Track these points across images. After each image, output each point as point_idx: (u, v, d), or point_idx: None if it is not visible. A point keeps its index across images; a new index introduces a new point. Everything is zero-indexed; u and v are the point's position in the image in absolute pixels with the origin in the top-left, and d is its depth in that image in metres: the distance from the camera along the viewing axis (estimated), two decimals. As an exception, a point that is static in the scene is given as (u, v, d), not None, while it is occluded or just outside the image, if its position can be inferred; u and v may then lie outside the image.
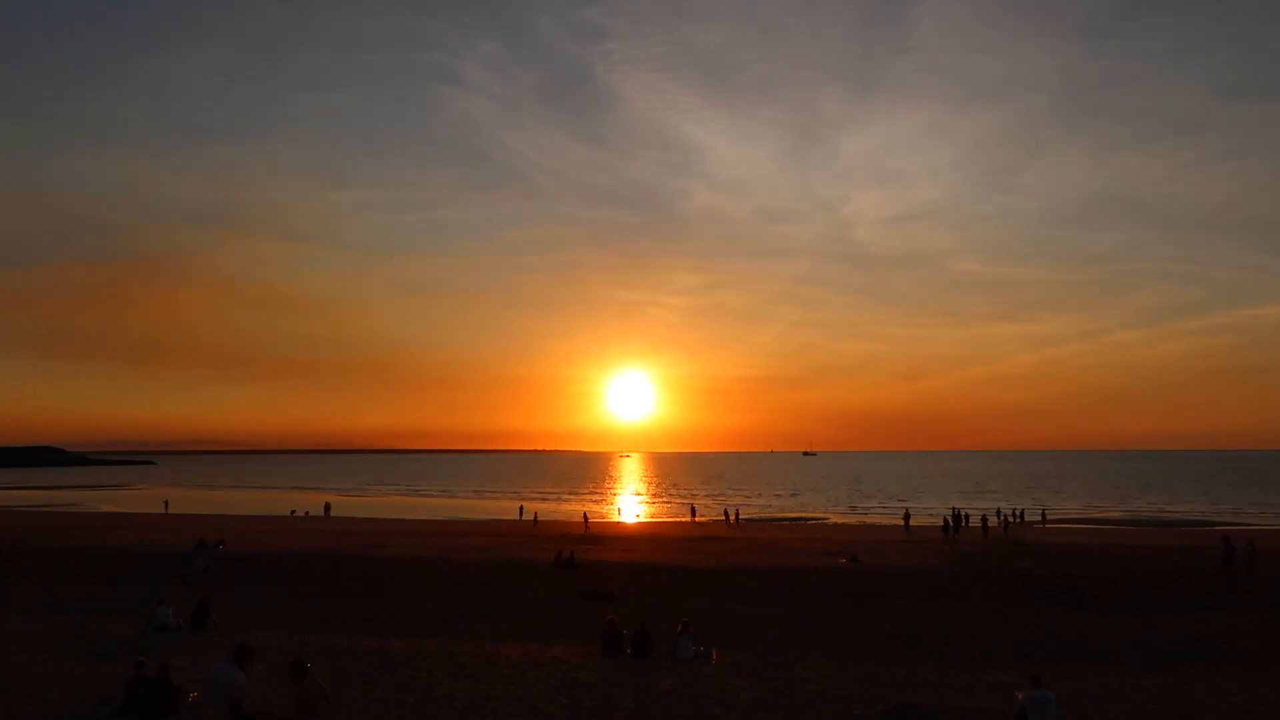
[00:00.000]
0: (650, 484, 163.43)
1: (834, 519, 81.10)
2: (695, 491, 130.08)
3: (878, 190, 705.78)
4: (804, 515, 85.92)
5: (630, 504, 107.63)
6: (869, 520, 76.80)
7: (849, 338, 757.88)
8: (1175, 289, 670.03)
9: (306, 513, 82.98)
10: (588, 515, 72.48)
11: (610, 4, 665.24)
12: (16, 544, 47.71)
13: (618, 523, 75.06)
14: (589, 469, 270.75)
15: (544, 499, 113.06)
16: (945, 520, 58.60)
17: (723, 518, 73.59)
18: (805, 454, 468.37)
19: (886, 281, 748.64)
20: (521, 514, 75.12)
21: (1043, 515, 73.33)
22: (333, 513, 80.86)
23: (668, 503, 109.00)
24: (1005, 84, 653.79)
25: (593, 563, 39.43)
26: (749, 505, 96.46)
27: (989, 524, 61.49)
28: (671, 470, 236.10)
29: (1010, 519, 65.10)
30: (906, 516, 69.16)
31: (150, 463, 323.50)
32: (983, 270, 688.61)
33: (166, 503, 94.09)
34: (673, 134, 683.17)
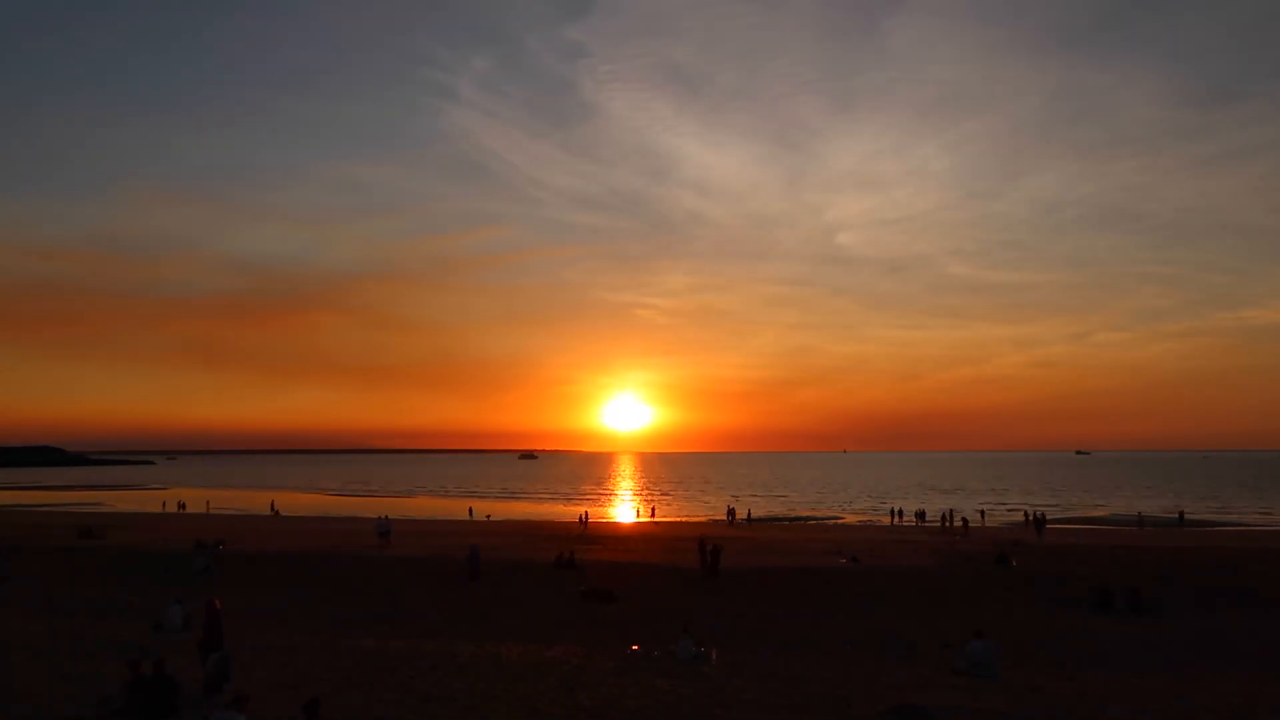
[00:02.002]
0: (706, 486, 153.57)
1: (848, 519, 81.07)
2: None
3: (862, 196, 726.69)
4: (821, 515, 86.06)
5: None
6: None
7: (841, 340, 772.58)
8: (1160, 292, 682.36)
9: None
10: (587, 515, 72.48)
11: (590, 23, 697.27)
12: (18, 544, 47.69)
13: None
14: (607, 470, 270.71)
15: (595, 501, 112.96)
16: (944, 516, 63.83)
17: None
18: (1078, 453, 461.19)
19: (874, 285, 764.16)
20: (585, 520, 71.01)
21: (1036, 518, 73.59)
22: (339, 513, 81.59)
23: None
24: (984, 94, 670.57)
25: (593, 563, 39.40)
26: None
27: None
28: (724, 472, 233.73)
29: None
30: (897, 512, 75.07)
31: (150, 462, 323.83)
32: (971, 274, 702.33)
33: (183, 503, 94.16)
34: (656, 144, 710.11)
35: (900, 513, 75.30)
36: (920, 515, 73.49)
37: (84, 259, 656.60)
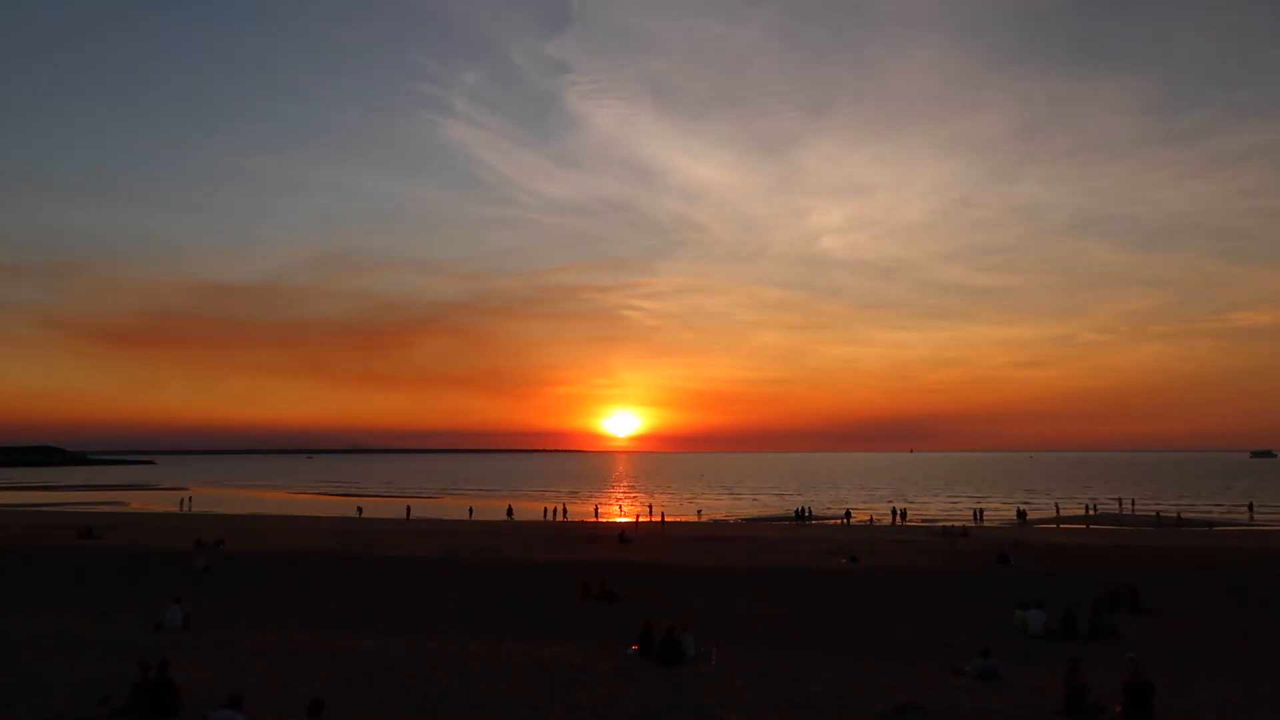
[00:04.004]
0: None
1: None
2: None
3: (846, 202, 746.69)
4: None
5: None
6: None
7: (832, 342, 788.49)
8: (1147, 294, 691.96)
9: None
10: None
11: (571, 39, 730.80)
12: (18, 544, 47.68)
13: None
14: (627, 469, 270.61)
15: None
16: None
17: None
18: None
19: (862, 289, 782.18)
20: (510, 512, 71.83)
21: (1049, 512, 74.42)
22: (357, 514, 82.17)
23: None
24: (967, 101, 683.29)
25: (593, 563, 39.40)
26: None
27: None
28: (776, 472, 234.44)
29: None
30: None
31: (151, 462, 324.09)
32: (958, 277, 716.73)
33: (191, 499, 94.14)
34: (639, 152, 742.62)
35: (904, 513, 76.53)
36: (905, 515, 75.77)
37: (238, 291, 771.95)
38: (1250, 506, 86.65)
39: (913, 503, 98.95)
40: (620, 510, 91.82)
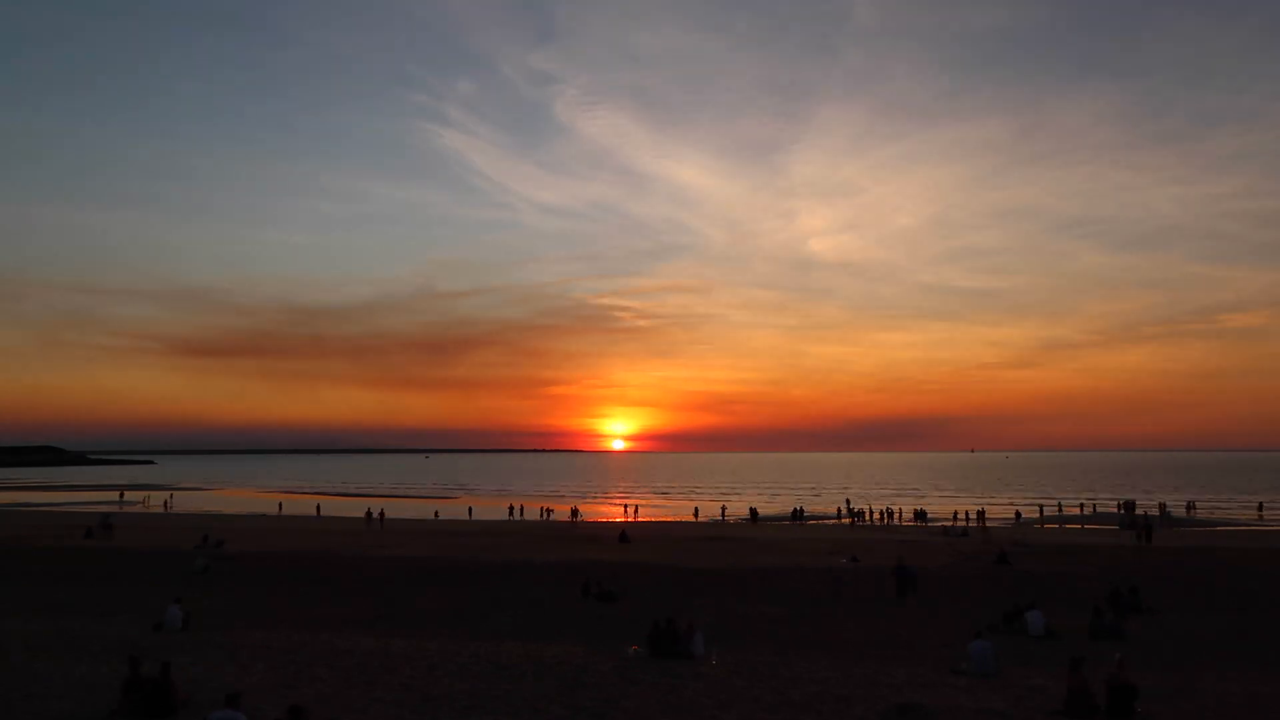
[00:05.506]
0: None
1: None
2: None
3: (834, 205, 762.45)
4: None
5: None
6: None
7: (824, 343, 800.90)
8: (1139, 297, 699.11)
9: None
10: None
11: (556, 49, 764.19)
12: (18, 544, 47.68)
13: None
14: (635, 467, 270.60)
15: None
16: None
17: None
18: None
19: (853, 291, 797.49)
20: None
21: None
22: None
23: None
24: (955, 105, 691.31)
25: (594, 562, 39.40)
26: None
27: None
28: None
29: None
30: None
31: (151, 462, 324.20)
32: (950, 279, 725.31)
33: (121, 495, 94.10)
34: (628, 159, 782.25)
35: (898, 513, 76.78)
36: (920, 515, 75.28)
37: (326, 314, 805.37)
38: (1260, 506, 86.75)
39: (909, 501, 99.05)
40: (627, 511, 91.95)
